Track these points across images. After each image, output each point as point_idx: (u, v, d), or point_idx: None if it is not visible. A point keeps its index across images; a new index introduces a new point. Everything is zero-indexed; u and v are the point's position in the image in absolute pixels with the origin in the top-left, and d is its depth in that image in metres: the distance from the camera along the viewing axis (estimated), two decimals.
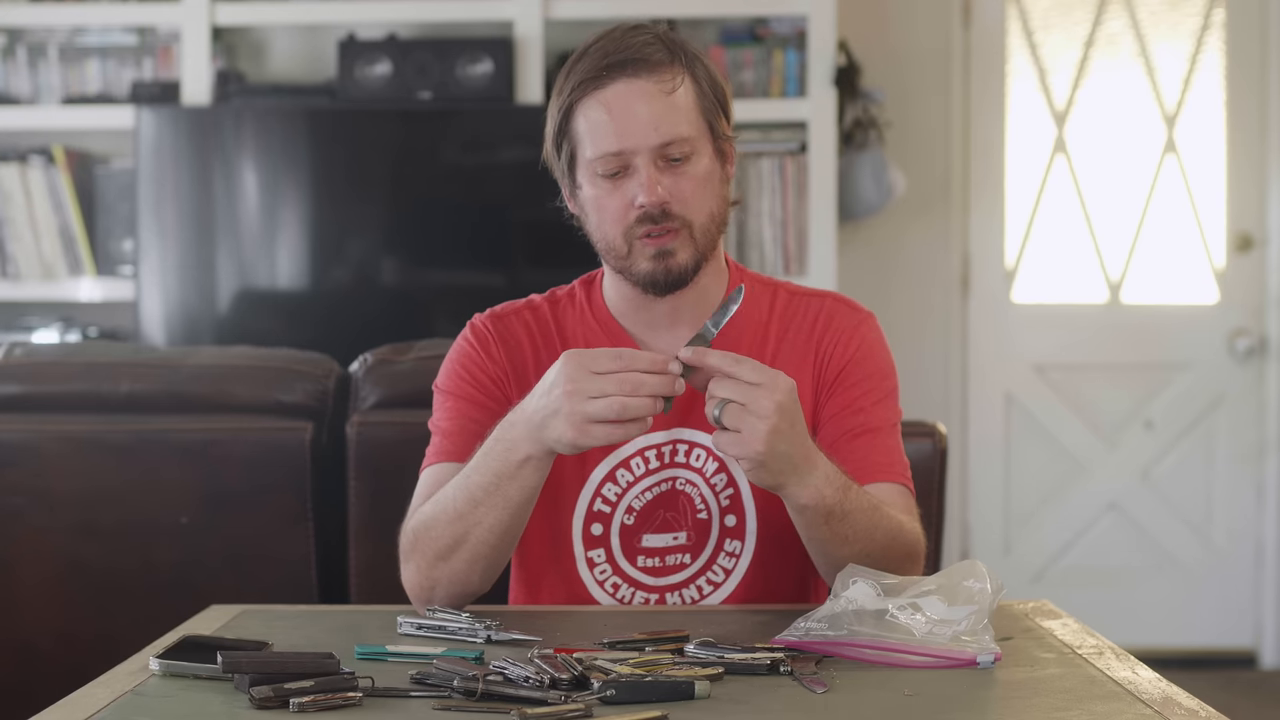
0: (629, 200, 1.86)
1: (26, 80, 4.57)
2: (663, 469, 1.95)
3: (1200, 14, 4.91)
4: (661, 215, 1.86)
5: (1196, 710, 1.45)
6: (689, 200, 1.87)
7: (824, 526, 1.78)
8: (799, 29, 4.43)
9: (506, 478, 1.78)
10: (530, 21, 4.37)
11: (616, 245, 1.90)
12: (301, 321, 4.35)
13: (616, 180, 1.87)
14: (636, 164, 1.86)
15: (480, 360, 1.97)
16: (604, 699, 1.43)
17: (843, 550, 1.80)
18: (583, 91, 1.87)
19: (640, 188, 1.85)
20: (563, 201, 1.97)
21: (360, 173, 4.40)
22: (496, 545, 1.83)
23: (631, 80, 1.85)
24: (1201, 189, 4.93)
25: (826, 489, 1.76)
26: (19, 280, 4.45)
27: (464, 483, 1.81)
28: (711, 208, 1.90)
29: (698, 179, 1.88)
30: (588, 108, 1.87)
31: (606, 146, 1.86)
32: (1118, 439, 4.95)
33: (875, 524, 1.82)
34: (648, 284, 1.90)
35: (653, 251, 1.88)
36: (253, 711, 1.42)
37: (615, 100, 1.85)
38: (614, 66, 1.86)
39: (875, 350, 2.00)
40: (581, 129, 1.88)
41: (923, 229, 4.87)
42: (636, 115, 1.85)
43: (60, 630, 2.52)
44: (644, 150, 1.85)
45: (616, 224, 1.88)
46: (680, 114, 1.86)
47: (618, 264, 1.92)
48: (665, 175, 1.86)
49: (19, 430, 2.54)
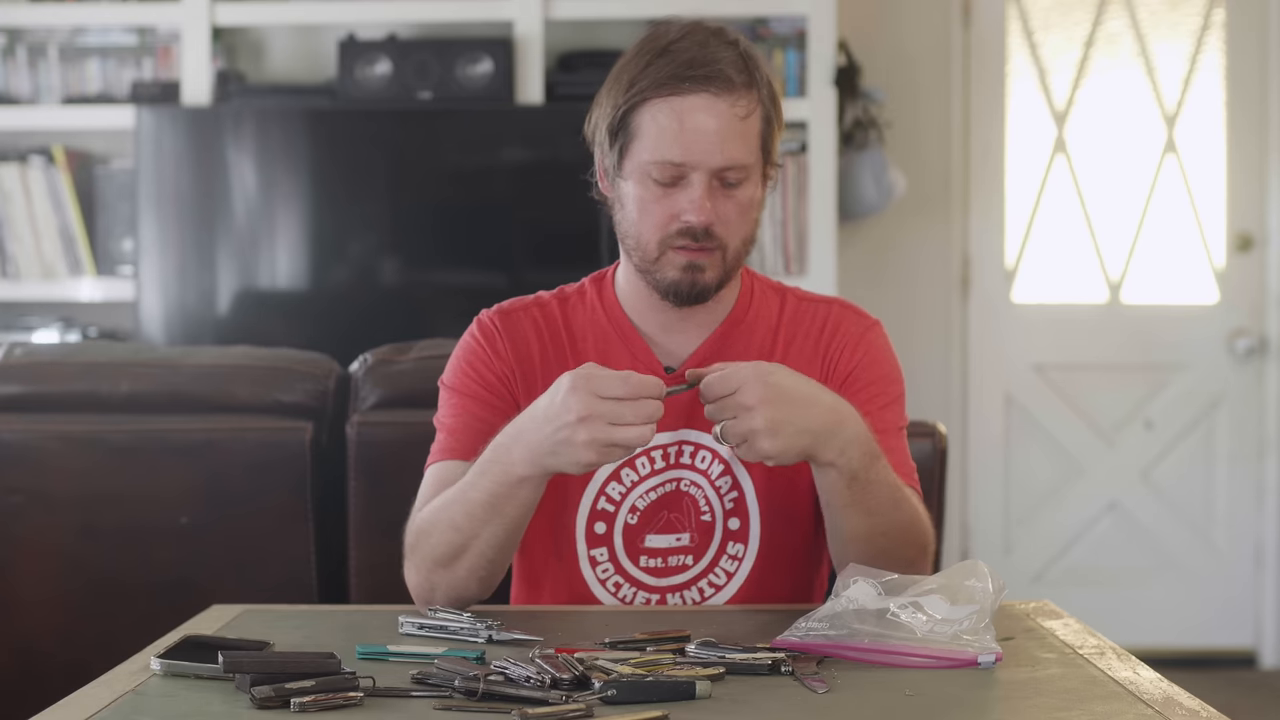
0: (674, 211, 1.87)
1: (26, 80, 4.57)
2: (667, 469, 1.95)
3: (1200, 14, 4.91)
4: (703, 234, 1.87)
5: (1198, 711, 1.45)
6: (731, 224, 1.88)
7: (846, 493, 1.78)
8: (799, 29, 4.43)
9: (503, 497, 1.78)
10: (530, 21, 4.37)
11: (648, 249, 1.90)
12: (301, 321, 4.35)
13: (667, 187, 1.87)
14: (692, 179, 1.86)
15: (487, 358, 1.96)
16: (605, 699, 1.43)
17: (863, 523, 1.80)
18: (658, 92, 1.86)
19: (691, 204, 1.86)
20: (593, 177, 1.97)
21: (360, 173, 4.40)
22: (495, 557, 1.83)
23: (712, 98, 1.85)
24: (1201, 189, 4.93)
25: (852, 450, 1.76)
26: (19, 280, 4.45)
27: (461, 496, 1.81)
28: (747, 232, 1.91)
29: (743, 204, 1.89)
30: (659, 110, 1.86)
31: (670, 155, 1.85)
32: (1117, 439, 4.95)
33: (898, 503, 1.82)
34: (670, 292, 1.91)
35: (684, 262, 1.88)
36: (254, 711, 1.42)
37: (690, 113, 1.85)
38: (697, 79, 1.85)
39: (882, 357, 2.00)
40: (647, 128, 1.87)
41: (923, 229, 4.87)
42: (707, 133, 1.85)
43: (61, 630, 2.52)
44: (705, 169, 1.85)
45: (656, 229, 1.88)
46: (746, 141, 1.87)
47: (643, 265, 1.92)
48: (716, 196, 1.87)
49: (19, 430, 2.54)
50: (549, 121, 4.30)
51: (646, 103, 1.87)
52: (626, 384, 1.67)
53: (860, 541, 1.81)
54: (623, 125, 1.89)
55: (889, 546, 1.81)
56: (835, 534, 1.86)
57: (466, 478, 1.81)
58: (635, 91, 1.87)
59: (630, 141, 1.89)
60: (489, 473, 1.78)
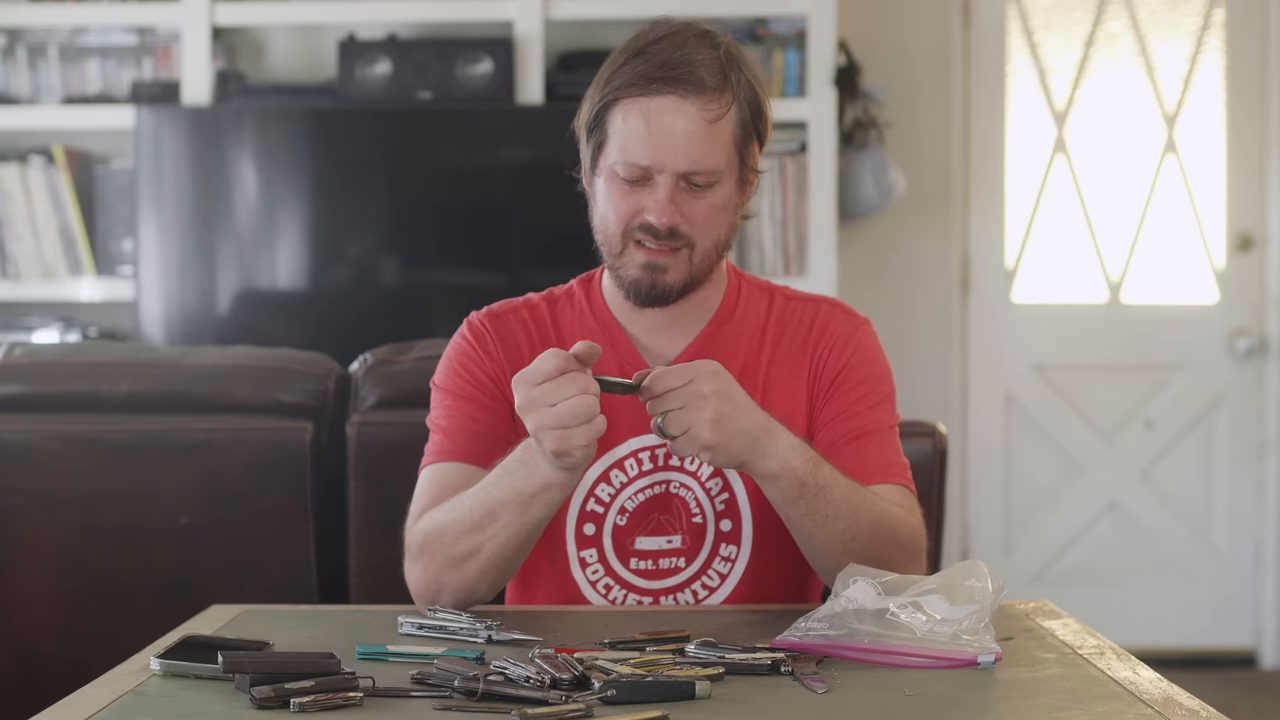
0: (638, 208, 1.86)
1: (26, 80, 4.57)
2: (657, 471, 1.94)
3: (1200, 14, 4.91)
4: (666, 234, 1.86)
5: (1197, 711, 1.44)
6: (698, 225, 1.87)
7: (801, 502, 1.77)
8: (799, 29, 4.43)
9: (530, 495, 1.77)
10: (530, 21, 4.37)
11: (613, 242, 1.90)
12: (301, 321, 4.35)
13: (634, 185, 1.87)
14: (658, 180, 1.85)
15: (478, 358, 1.96)
16: (605, 699, 1.43)
17: (827, 532, 1.79)
18: (628, 93, 1.85)
19: (655, 205, 1.85)
20: (578, 172, 1.97)
21: (360, 173, 4.40)
22: (510, 558, 1.82)
23: (679, 100, 1.84)
24: (1201, 189, 4.93)
25: (794, 458, 1.76)
26: (19, 280, 4.45)
27: (483, 495, 1.80)
28: (719, 235, 1.90)
29: (713, 206, 1.88)
30: (628, 111, 1.86)
31: (635, 157, 1.85)
32: (1117, 439, 4.95)
33: (857, 504, 1.81)
34: (631, 291, 1.91)
35: (644, 261, 1.88)
36: (253, 711, 1.42)
37: (656, 115, 1.84)
38: (666, 80, 1.84)
39: (871, 355, 1.99)
40: (616, 128, 1.87)
41: (923, 229, 4.86)
42: (673, 136, 1.84)
43: (60, 630, 2.52)
44: (669, 171, 1.85)
45: (620, 223, 1.88)
46: (715, 144, 1.85)
47: (610, 261, 1.92)
48: (682, 197, 1.86)
49: (19, 430, 2.54)
50: (549, 121, 4.29)
51: (618, 103, 1.87)
52: (556, 358, 1.67)
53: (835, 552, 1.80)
54: (597, 124, 1.89)
55: (865, 550, 1.79)
56: (810, 554, 1.85)
57: (487, 480, 1.80)
58: (609, 91, 1.87)
59: (604, 140, 1.89)
60: (516, 472, 1.77)
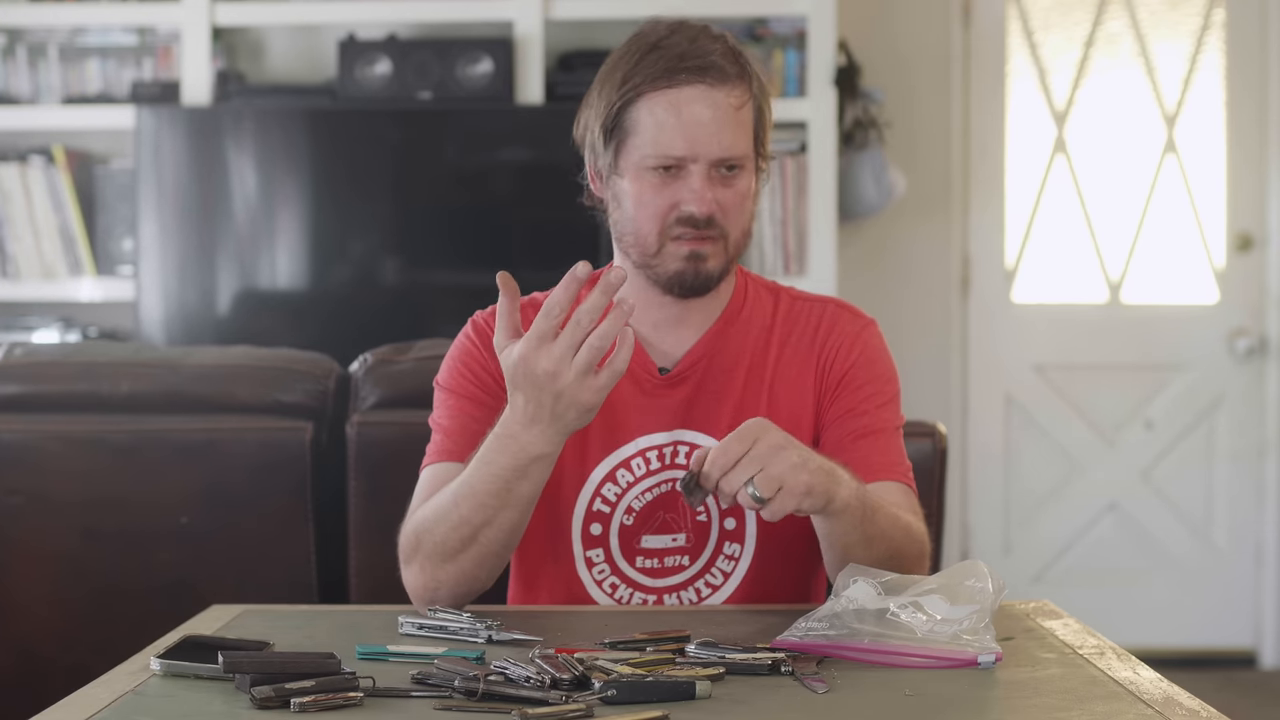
0: (674, 201, 1.87)
1: (26, 80, 4.57)
2: (663, 470, 1.94)
3: (1200, 14, 4.91)
4: (705, 223, 1.88)
5: (1198, 711, 1.44)
6: (731, 213, 1.89)
7: (859, 527, 1.77)
8: (799, 29, 4.43)
9: (518, 472, 1.76)
10: (530, 21, 4.37)
11: (648, 242, 1.90)
12: (301, 321, 4.35)
13: (666, 180, 1.88)
14: (692, 170, 1.87)
15: (482, 358, 1.96)
16: (605, 699, 1.43)
17: (870, 551, 1.79)
18: (652, 86, 1.87)
19: (692, 195, 1.87)
20: (584, 180, 1.97)
21: (360, 173, 4.40)
22: (506, 543, 1.82)
23: (708, 89, 1.86)
24: (1201, 189, 4.93)
25: (854, 484, 1.76)
26: (19, 280, 4.45)
27: (467, 485, 1.79)
28: (746, 223, 1.93)
29: (742, 194, 1.90)
30: (654, 104, 1.87)
31: (669, 149, 1.86)
32: (1118, 439, 4.95)
33: (893, 521, 1.82)
34: (674, 283, 1.91)
35: (686, 252, 1.89)
36: (254, 711, 1.42)
37: (686, 105, 1.86)
38: (691, 71, 1.86)
39: (877, 356, 2.00)
40: (643, 124, 1.87)
41: (923, 229, 4.86)
42: (704, 124, 1.86)
43: (60, 631, 2.52)
44: (704, 159, 1.87)
45: (655, 221, 1.89)
46: (742, 130, 1.89)
47: (643, 260, 1.92)
48: (716, 185, 1.88)
49: (19, 430, 2.53)
50: (549, 121, 4.29)
51: (642, 97, 1.87)
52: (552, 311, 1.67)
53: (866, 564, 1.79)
54: (617, 122, 1.89)
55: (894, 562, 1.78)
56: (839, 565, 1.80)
57: (468, 470, 1.80)
58: (630, 87, 1.88)
59: (626, 138, 1.89)
60: (503, 452, 1.75)
